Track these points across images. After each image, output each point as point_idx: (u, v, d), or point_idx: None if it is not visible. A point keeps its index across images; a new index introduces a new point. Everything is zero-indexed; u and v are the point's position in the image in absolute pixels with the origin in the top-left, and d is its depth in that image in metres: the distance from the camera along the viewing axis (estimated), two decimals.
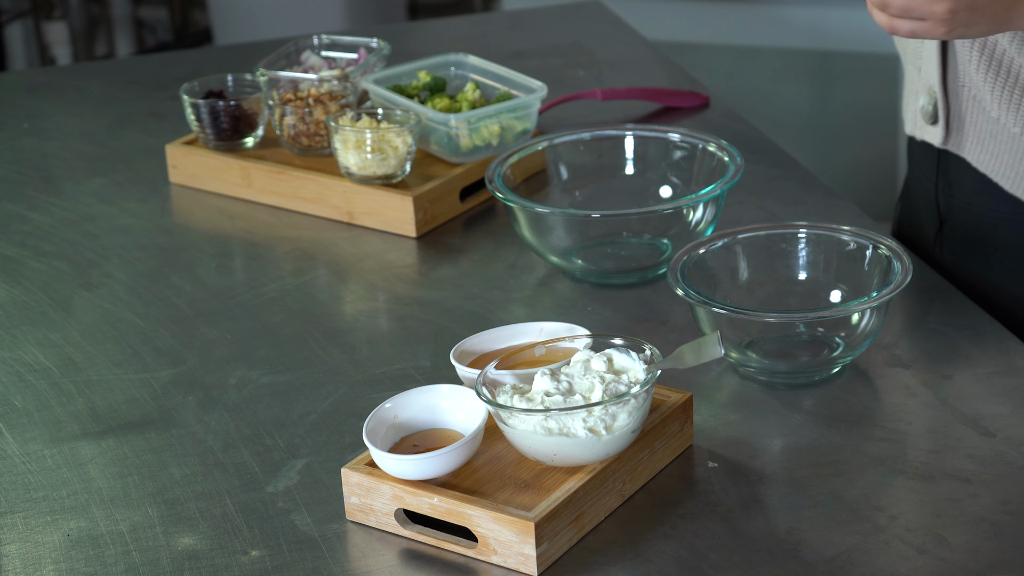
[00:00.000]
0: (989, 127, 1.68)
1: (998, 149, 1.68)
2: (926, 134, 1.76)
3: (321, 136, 1.95)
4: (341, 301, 1.77)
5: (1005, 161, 1.68)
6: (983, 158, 1.70)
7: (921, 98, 1.75)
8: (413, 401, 1.39)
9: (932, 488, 1.37)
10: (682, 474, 1.40)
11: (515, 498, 1.32)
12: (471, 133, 1.91)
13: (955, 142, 1.73)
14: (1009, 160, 1.67)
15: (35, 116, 2.28)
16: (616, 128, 1.86)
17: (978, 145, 1.70)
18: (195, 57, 2.55)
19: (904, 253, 1.55)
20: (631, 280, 1.73)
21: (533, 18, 2.60)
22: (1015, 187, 1.68)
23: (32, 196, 2.02)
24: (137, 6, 4.94)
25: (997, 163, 1.69)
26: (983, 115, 1.68)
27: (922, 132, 1.77)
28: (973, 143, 1.71)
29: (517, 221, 1.73)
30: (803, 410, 1.49)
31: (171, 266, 1.83)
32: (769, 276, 1.62)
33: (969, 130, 1.71)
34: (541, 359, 1.42)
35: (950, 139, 1.73)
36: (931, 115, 1.74)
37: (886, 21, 1.48)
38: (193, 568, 1.32)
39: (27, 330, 1.70)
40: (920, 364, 1.55)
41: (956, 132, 1.72)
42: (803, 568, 1.28)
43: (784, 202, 1.90)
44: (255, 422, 1.52)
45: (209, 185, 2.01)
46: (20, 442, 1.50)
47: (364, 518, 1.36)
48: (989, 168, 1.70)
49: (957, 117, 1.71)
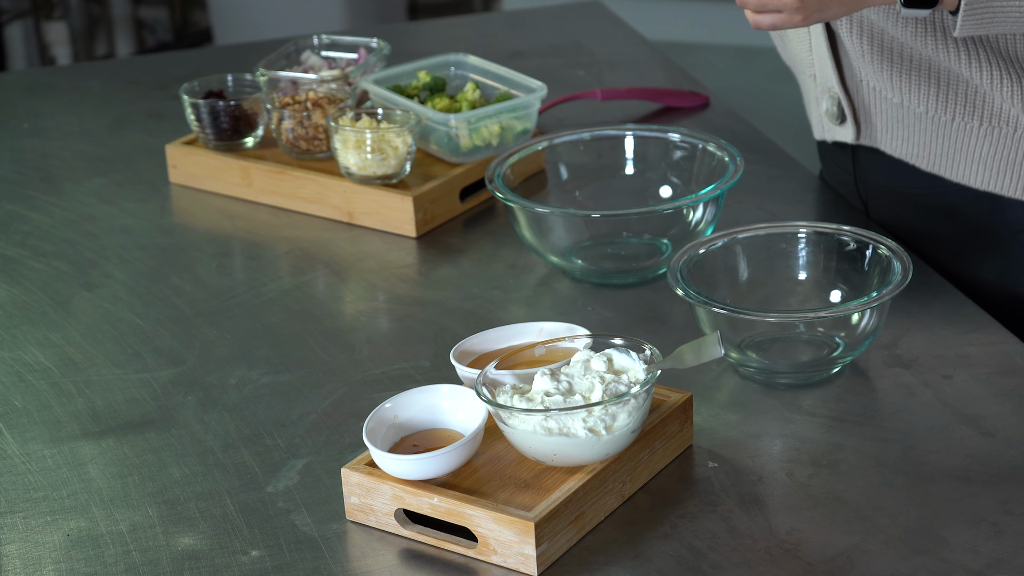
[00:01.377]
0: (895, 113, 1.72)
1: (907, 133, 1.73)
2: (837, 135, 1.82)
3: (320, 140, 1.95)
4: (341, 301, 1.77)
5: (916, 142, 1.73)
6: (896, 144, 1.75)
7: (823, 102, 1.80)
8: (413, 401, 1.39)
9: (932, 488, 1.37)
10: (682, 474, 1.40)
11: (515, 498, 1.32)
12: (471, 133, 1.91)
13: (867, 135, 1.78)
14: (920, 140, 1.72)
15: (35, 116, 2.28)
16: (616, 128, 1.86)
17: (888, 133, 1.75)
18: (195, 57, 2.55)
19: (904, 253, 1.55)
20: (631, 280, 1.73)
21: (533, 18, 2.60)
22: (931, 165, 1.73)
23: (32, 196, 2.02)
24: (137, 6, 4.94)
25: (909, 146, 1.74)
26: (886, 103, 1.72)
27: (832, 134, 1.83)
28: (883, 132, 1.76)
29: (517, 221, 1.73)
30: (803, 410, 1.49)
31: (171, 266, 1.83)
32: (769, 276, 1.62)
33: (877, 121, 1.75)
34: (541, 359, 1.42)
35: (862, 134, 1.79)
36: (837, 116, 1.79)
37: (750, 17, 1.53)
38: (193, 568, 1.32)
39: (27, 330, 1.70)
40: (920, 364, 1.55)
41: (866, 126, 1.77)
42: (803, 568, 1.28)
43: (784, 202, 1.90)
44: (255, 422, 1.51)
45: (209, 185, 2.01)
46: (20, 442, 1.50)
47: (364, 518, 1.36)
48: (904, 152, 1.75)
49: (863, 111, 1.76)
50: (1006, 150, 1.67)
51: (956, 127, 1.68)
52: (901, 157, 1.75)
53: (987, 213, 1.72)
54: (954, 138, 1.69)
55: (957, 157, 1.70)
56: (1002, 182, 1.69)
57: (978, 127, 1.67)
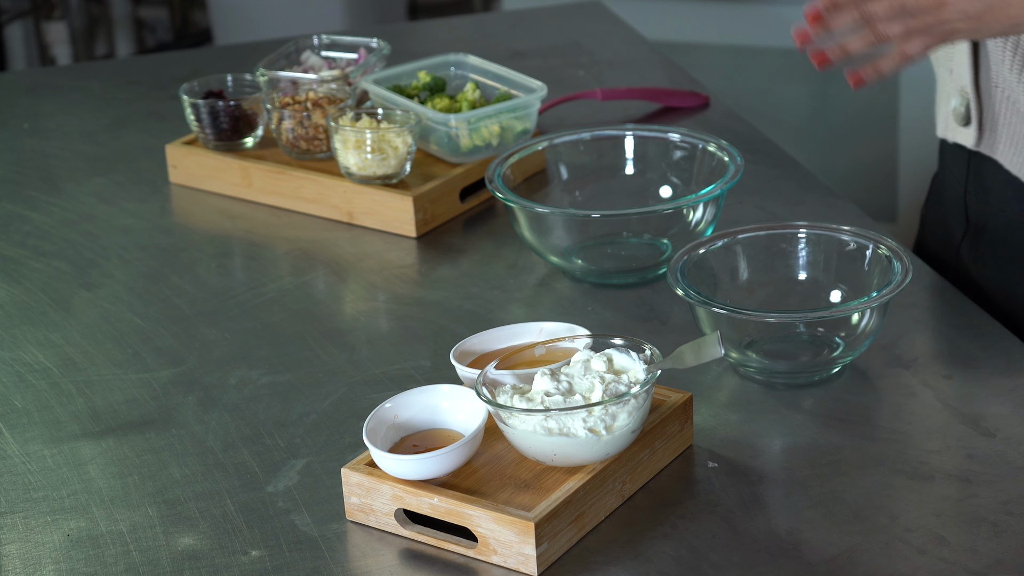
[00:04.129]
0: (1022, 127, 1.66)
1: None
2: (958, 136, 1.74)
3: (320, 140, 1.95)
4: (341, 301, 1.77)
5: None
6: (1015, 159, 1.68)
7: (953, 100, 1.73)
8: (413, 401, 1.39)
9: (932, 488, 1.37)
10: (682, 474, 1.40)
11: (515, 498, 1.32)
12: (471, 133, 1.91)
13: (988, 144, 1.71)
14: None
15: (35, 116, 2.28)
16: (616, 128, 1.86)
17: (1011, 147, 1.68)
18: (195, 57, 2.55)
19: (904, 253, 1.55)
20: (631, 280, 1.73)
21: (533, 18, 2.60)
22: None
23: (32, 196, 2.02)
24: (137, 6, 4.94)
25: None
26: (1017, 116, 1.66)
27: (954, 134, 1.75)
28: (1006, 145, 1.69)
29: (517, 221, 1.73)
30: (803, 410, 1.49)
31: (171, 266, 1.83)
32: (769, 276, 1.62)
33: (1002, 132, 1.69)
34: (541, 359, 1.42)
35: (983, 141, 1.71)
36: (963, 117, 1.71)
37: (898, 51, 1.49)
38: (193, 568, 1.32)
39: (27, 330, 1.70)
40: (920, 364, 1.55)
41: (989, 133, 1.70)
42: (803, 568, 1.28)
43: (784, 202, 1.90)
44: (255, 422, 1.52)
45: (209, 185, 2.01)
46: (20, 442, 1.50)
47: (364, 518, 1.36)
48: (1021, 169, 1.68)
49: (990, 118, 1.69)
50: None
51: None
52: (1018, 174, 1.68)
53: None
54: None
55: None
56: None
57: None
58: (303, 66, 2.09)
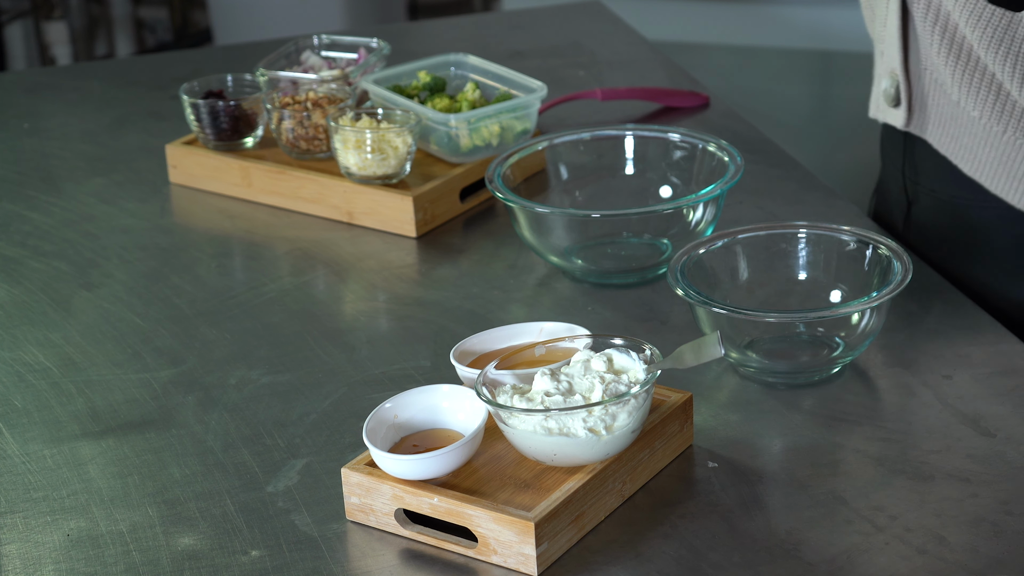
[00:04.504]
0: (950, 110, 1.70)
1: (958, 132, 1.71)
2: (888, 116, 1.80)
3: (320, 140, 1.95)
4: (341, 301, 1.77)
5: (964, 144, 1.70)
6: (944, 141, 1.73)
7: (884, 81, 1.78)
8: (413, 401, 1.39)
9: (932, 488, 1.37)
10: (682, 474, 1.40)
11: (515, 498, 1.32)
12: (471, 133, 1.91)
13: (917, 124, 1.76)
14: (968, 143, 1.70)
15: (35, 116, 2.28)
16: (616, 128, 1.86)
17: (939, 128, 1.73)
18: (195, 57, 2.55)
19: (904, 253, 1.55)
20: (631, 280, 1.73)
21: (533, 18, 2.60)
22: (974, 170, 1.70)
23: (32, 196, 2.02)
24: (137, 6, 4.94)
25: (957, 146, 1.71)
26: (944, 98, 1.70)
27: (884, 115, 1.80)
28: (935, 126, 1.73)
29: (517, 221, 1.73)
30: (803, 410, 1.49)
31: (171, 266, 1.83)
32: (769, 276, 1.62)
33: (931, 112, 1.73)
34: (541, 359, 1.42)
35: (912, 121, 1.76)
36: (893, 98, 1.77)
37: None
38: (193, 568, 1.32)
39: (27, 330, 1.70)
40: (920, 364, 1.55)
41: (918, 114, 1.75)
42: (803, 568, 1.28)
43: (784, 202, 1.90)
44: (255, 422, 1.52)
45: (209, 185, 2.01)
46: (20, 442, 1.50)
47: (364, 518, 1.36)
48: (949, 151, 1.72)
49: (919, 100, 1.74)
50: None
51: (1006, 140, 1.66)
52: (946, 155, 1.73)
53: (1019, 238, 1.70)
54: (1002, 150, 1.67)
55: (1000, 170, 1.68)
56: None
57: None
58: (303, 66, 2.09)
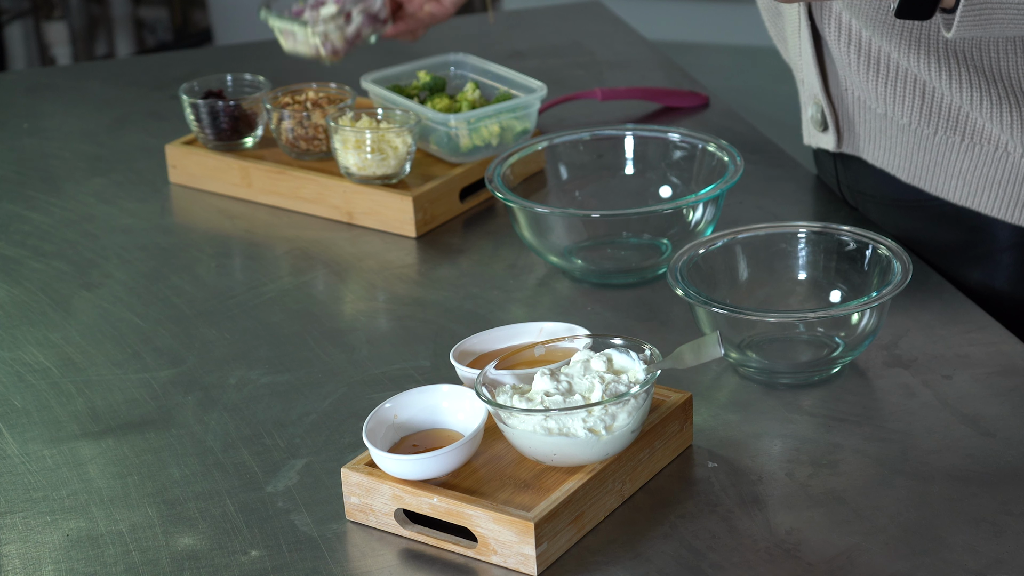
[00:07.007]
0: (878, 124, 1.72)
1: (890, 143, 1.73)
2: (820, 141, 1.82)
3: (320, 140, 1.95)
4: (341, 301, 1.77)
5: (899, 153, 1.72)
6: (878, 154, 1.75)
7: (809, 108, 1.81)
8: (413, 401, 1.39)
9: (932, 488, 1.37)
10: (682, 474, 1.40)
11: (515, 498, 1.32)
12: (471, 133, 1.91)
13: (849, 144, 1.78)
14: (902, 152, 1.72)
15: (35, 116, 2.28)
16: (616, 128, 1.86)
17: (871, 143, 1.75)
18: (195, 57, 2.55)
19: (904, 253, 1.55)
20: (631, 280, 1.73)
21: (533, 18, 2.60)
22: (912, 177, 1.72)
23: (32, 196, 2.02)
24: (137, 6, 4.94)
25: (891, 156, 1.73)
26: (870, 113, 1.72)
27: (816, 140, 1.83)
28: (866, 142, 1.75)
29: (517, 221, 1.73)
30: (803, 410, 1.49)
31: (171, 266, 1.83)
32: (769, 276, 1.62)
33: (860, 131, 1.75)
34: (541, 359, 1.42)
35: (843, 143, 1.79)
36: (820, 123, 1.79)
37: None
38: (193, 568, 1.32)
39: (27, 330, 1.70)
40: (920, 364, 1.55)
41: (848, 135, 1.77)
42: (803, 568, 1.28)
43: (784, 202, 1.90)
44: (255, 422, 1.51)
45: (209, 185, 2.01)
46: (20, 442, 1.50)
47: (364, 518, 1.36)
48: (885, 163, 1.74)
49: (846, 120, 1.76)
50: (986, 168, 1.67)
51: (938, 141, 1.68)
52: (883, 167, 1.75)
53: (969, 229, 1.71)
54: (935, 152, 1.69)
55: (937, 171, 1.70)
56: (981, 199, 1.68)
57: (959, 143, 1.67)
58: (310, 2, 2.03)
